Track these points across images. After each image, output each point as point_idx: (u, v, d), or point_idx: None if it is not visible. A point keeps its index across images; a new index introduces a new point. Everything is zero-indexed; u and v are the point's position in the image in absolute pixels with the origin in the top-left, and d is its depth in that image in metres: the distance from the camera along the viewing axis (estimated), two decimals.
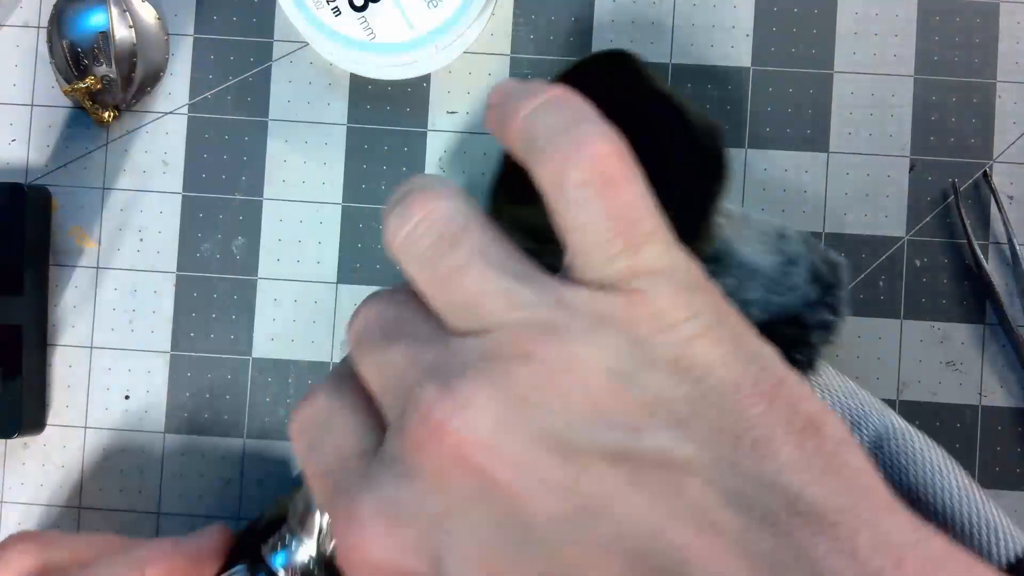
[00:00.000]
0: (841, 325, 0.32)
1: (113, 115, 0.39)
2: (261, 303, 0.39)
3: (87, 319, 0.40)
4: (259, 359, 0.39)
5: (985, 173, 0.39)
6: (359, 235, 0.39)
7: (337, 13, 0.36)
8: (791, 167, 0.39)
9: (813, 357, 0.31)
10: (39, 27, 0.40)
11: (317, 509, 0.33)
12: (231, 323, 0.39)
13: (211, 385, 0.39)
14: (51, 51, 0.39)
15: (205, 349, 0.39)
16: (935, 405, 0.38)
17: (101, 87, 0.39)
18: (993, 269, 0.38)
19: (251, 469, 0.39)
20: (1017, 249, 0.38)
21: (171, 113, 0.40)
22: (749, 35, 0.39)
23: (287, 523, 0.34)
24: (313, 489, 0.23)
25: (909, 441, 0.30)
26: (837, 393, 0.32)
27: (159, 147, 0.40)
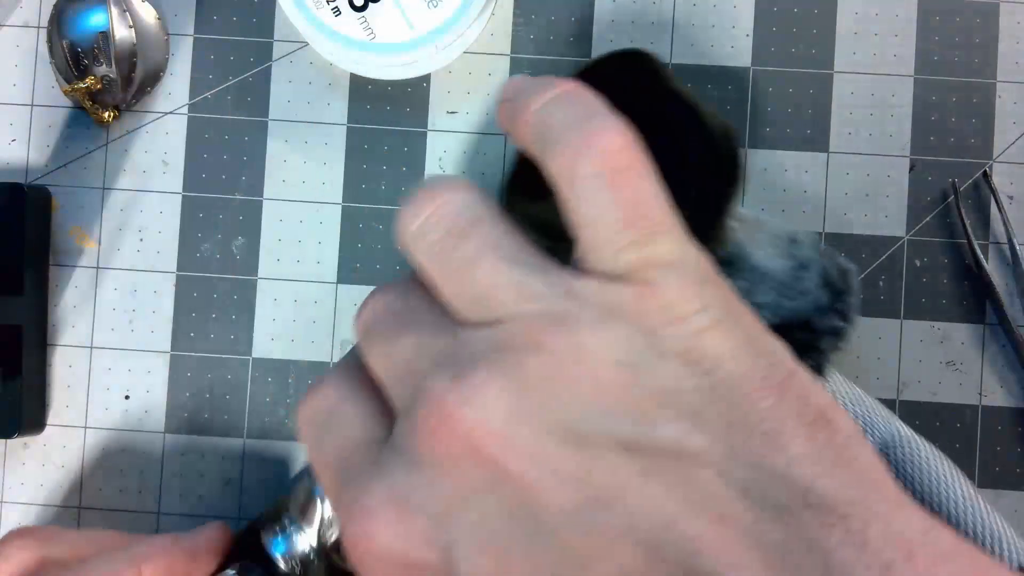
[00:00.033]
0: (851, 332, 0.32)
1: (113, 115, 0.39)
2: (261, 303, 0.39)
3: (87, 319, 0.40)
4: (259, 359, 0.39)
5: (985, 173, 0.39)
6: (359, 235, 0.39)
7: (337, 13, 0.36)
8: (791, 167, 0.39)
9: (822, 363, 0.31)
10: (39, 27, 0.40)
11: (319, 499, 0.33)
12: (231, 323, 0.39)
13: (211, 385, 0.39)
14: (51, 51, 0.39)
15: (205, 349, 0.39)
16: (935, 405, 0.38)
17: (101, 87, 0.39)
18: (993, 269, 0.38)
19: (251, 469, 0.39)
20: (1017, 249, 0.38)
21: (171, 113, 0.40)
22: (749, 35, 0.39)
23: (288, 512, 0.34)
24: (320, 479, 0.23)
25: (915, 449, 0.30)
26: (844, 399, 0.32)
27: (159, 147, 0.40)
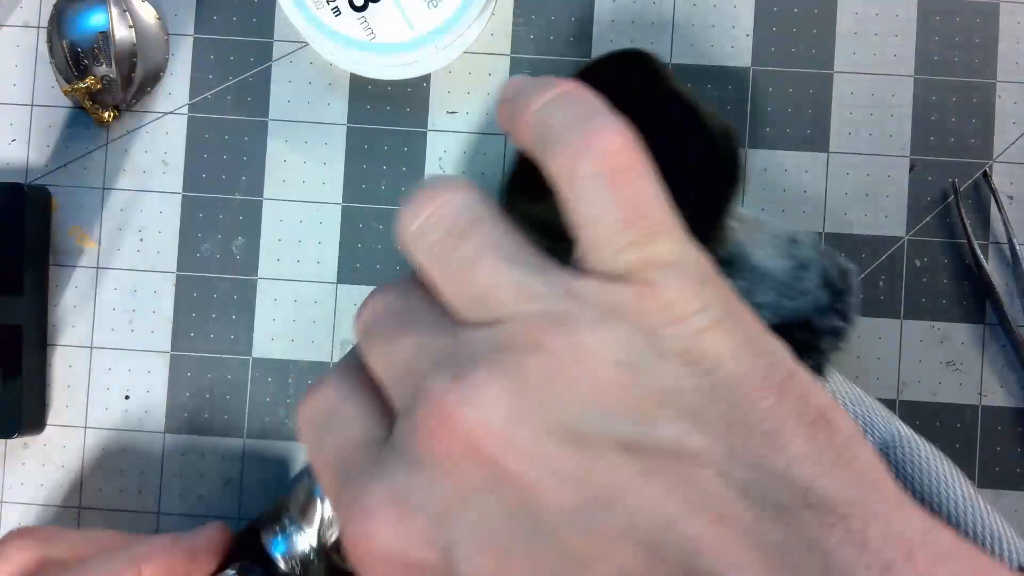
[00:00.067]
0: (851, 332, 0.32)
1: (113, 115, 0.39)
2: (261, 303, 0.39)
3: (87, 319, 0.40)
4: (259, 359, 0.39)
5: (985, 173, 0.39)
6: (359, 235, 0.39)
7: (337, 13, 0.36)
8: (791, 167, 0.39)
9: (822, 363, 0.31)
10: (39, 27, 0.40)
11: (319, 499, 0.33)
12: (231, 323, 0.39)
13: (211, 385, 0.39)
14: (51, 51, 0.39)
15: (205, 349, 0.39)
16: (935, 405, 0.38)
17: (101, 87, 0.39)
18: (993, 269, 0.38)
19: (251, 469, 0.39)
20: (1017, 249, 0.38)
21: (171, 113, 0.40)
22: (749, 35, 0.39)
23: (288, 512, 0.34)
24: (320, 479, 0.23)
25: (915, 449, 0.30)
26: (844, 399, 0.32)
27: (159, 147, 0.40)
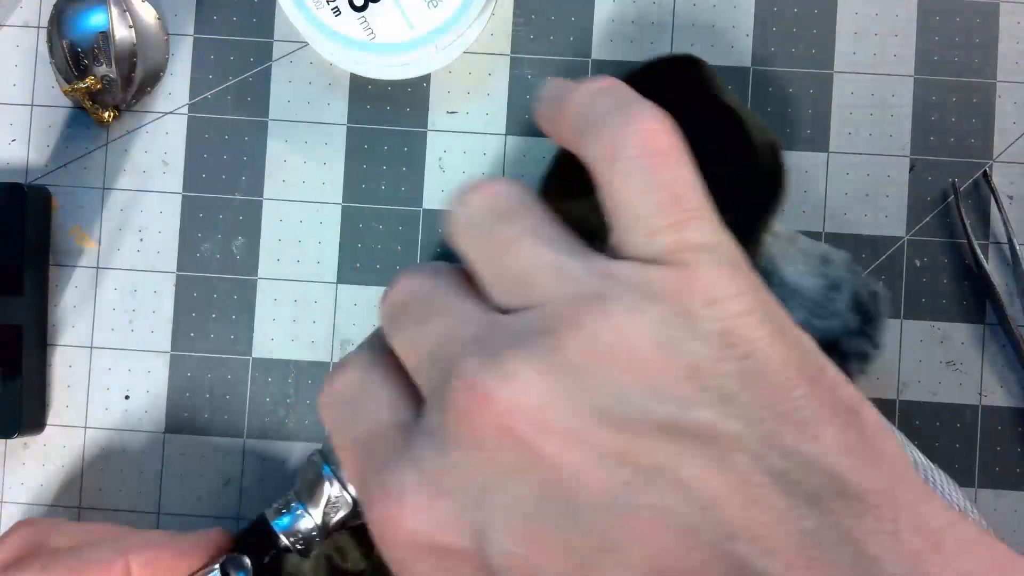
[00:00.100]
0: (877, 357, 0.32)
1: (113, 115, 0.39)
2: (261, 303, 0.39)
3: (87, 319, 0.40)
4: (259, 359, 0.39)
5: (985, 173, 0.39)
6: (359, 235, 0.39)
7: (337, 13, 0.36)
8: (791, 167, 0.39)
9: None
10: (39, 27, 0.40)
11: (327, 480, 0.33)
12: (231, 323, 0.39)
13: (211, 385, 0.39)
14: (51, 51, 0.39)
15: (205, 349, 0.39)
16: (935, 405, 0.38)
17: (101, 87, 0.39)
18: (993, 269, 0.38)
19: (251, 469, 0.39)
20: (1017, 249, 0.38)
21: (171, 113, 0.40)
22: (749, 35, 0.39)
23: (294, 490, 0.34)
24: (344, 463, 0.22)
25: (931, 478, 0.30)
26: None
27: (159, 147, 0.40)
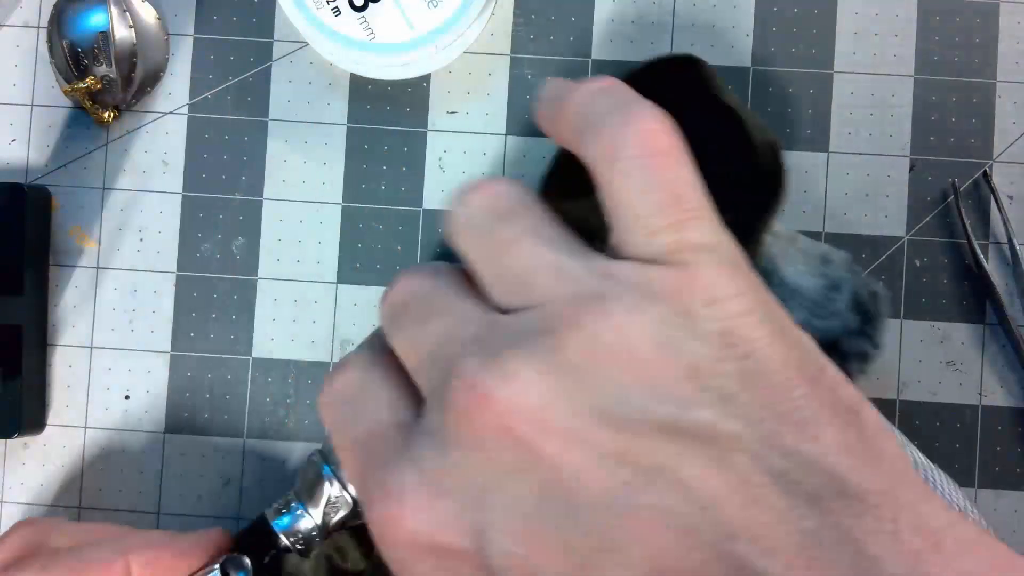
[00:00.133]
0: (877, 357, 0.32)
1: (113, 115, 0.39)
2: (261, 303, 0.39)
3: (87, 319, 0.40)
4: (259, 359, 0.39)
5: (985, 173, 0.39)
6: (359, 235, 0.39)
7: (337, 13, 0.36)
8: (791, 167, 0.39)
9: None
10: (39, 27, 0.40)
11: (327, 480, 0.33)
12: (231, 323, 0.39)
13: (211, 385, 0.39)
14: (51, 51, 0.39)
15: (205, 349, 0.39)
16: (935, 405, 0.38)
17: (101, 87, 0.39)
18: (993, 269, 0.38)
19: (251, 469, 0.39)
20: (1017, 249, 0.38)
21: (171, 113, 0.40)
22: (749, 35, 0.39)
23: (294, 490, 0.34)
24: (344, 463, 0.22)
25: (931, 478, 0.30)
26: None
27: (159, 147, 0.40)
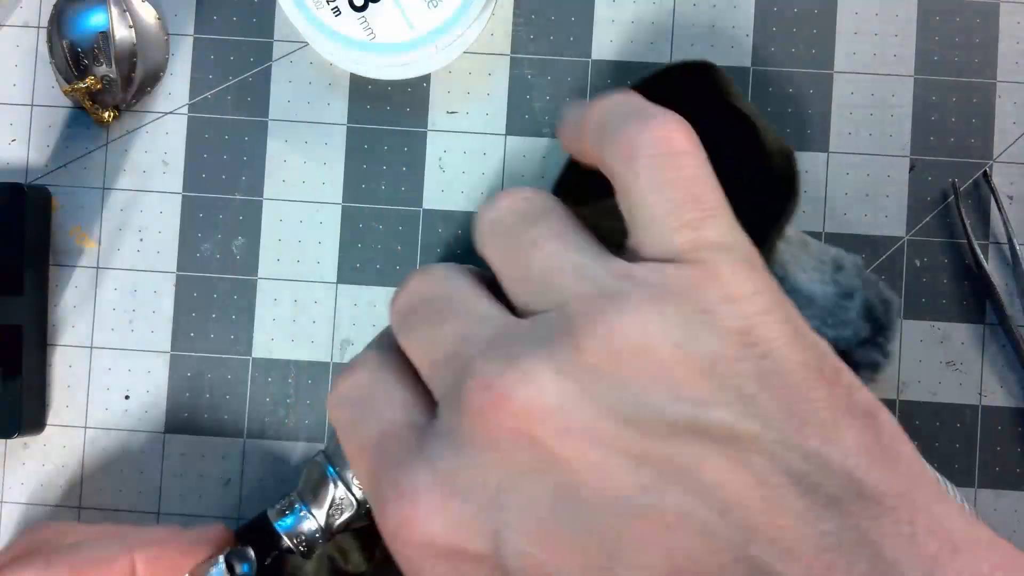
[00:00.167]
0: (887, 366, 0.32)
1: (113, 115, 0.39)
2: (261, 303, 0.39)
3: (87, 319, 0.40)
4: (259, 359, 0.39)
5: (985, 173, 0.39)
6: (359, 235, 0.39)
7: (337, 13, 0.36)
8: None
9: None
10: (39, 27, 0.40)
11: (332, 481, 0.33)
12: (231, 323, 0.39)
13: (211, 385, 0.39)
14: (51, 51, 0.39)
15: (205, 349, 0.39)
16: (935, 405, 0.38)
17: (101, 87, 0.39)
18: (993, 269, 0.38)
19: (251, 469, 0.39)
20: (1017, 249, 0.38)
21: (171, 113, 0.40)
22: (749, 35, 0.39)
23: (298, 490, 0.34)
24: (354, 463, 0.22)
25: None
26: None
27: (159, 147, 0.40)
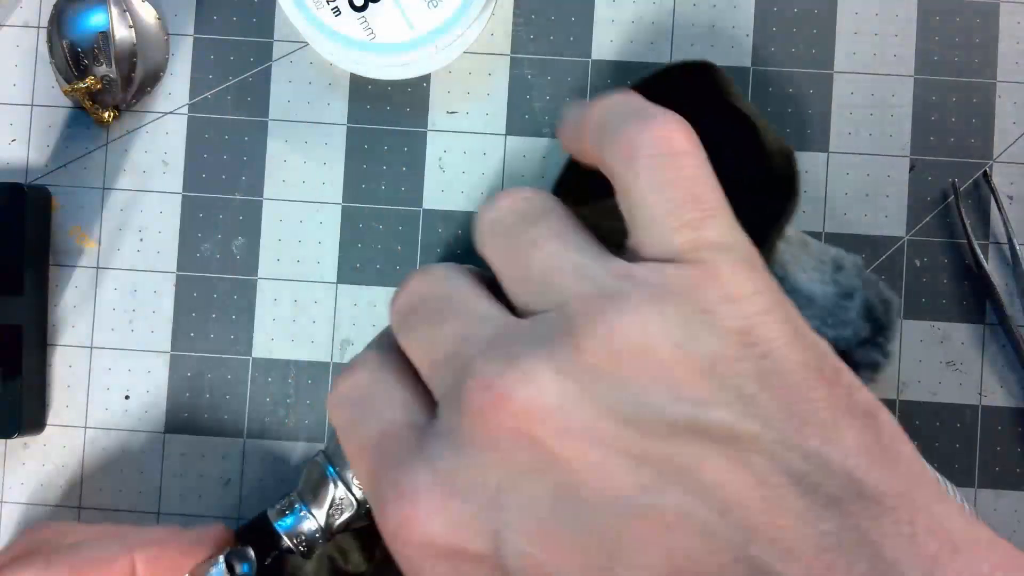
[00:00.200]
0: (887, 366, 0.32)
1: (113, 115, 0.39)
2: (261, 303, 0.39)
3: (87, 319, 0.40)
4: (259, 359, 0.39)
5: (985, 173, 0.39)
6: (359, 235, 0.39)
7: (337, 13, 0.36)
8: None
9: None
10: (39, 27, 0.40)
11: (332, 481, 0.33)
12: (231, 323, 0.39)
13: (211, 385, 0.39)
14: (51, 51, 0.39)
15: (205, 349, 0.39)
16: (935, 405, 0.38)
17: (101, 87, 0.39)
18: (993, 269, 0.38)
19: (251, 469, 0.39)
20: (1017, 249, 0.38)
21: (171, 113, 0.40)
22: (749, 35, 0.39)
23: (298, 490, 0.34)
24: (354, 463, 0.22)
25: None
26: None
27: (159, 147, 0.40)
